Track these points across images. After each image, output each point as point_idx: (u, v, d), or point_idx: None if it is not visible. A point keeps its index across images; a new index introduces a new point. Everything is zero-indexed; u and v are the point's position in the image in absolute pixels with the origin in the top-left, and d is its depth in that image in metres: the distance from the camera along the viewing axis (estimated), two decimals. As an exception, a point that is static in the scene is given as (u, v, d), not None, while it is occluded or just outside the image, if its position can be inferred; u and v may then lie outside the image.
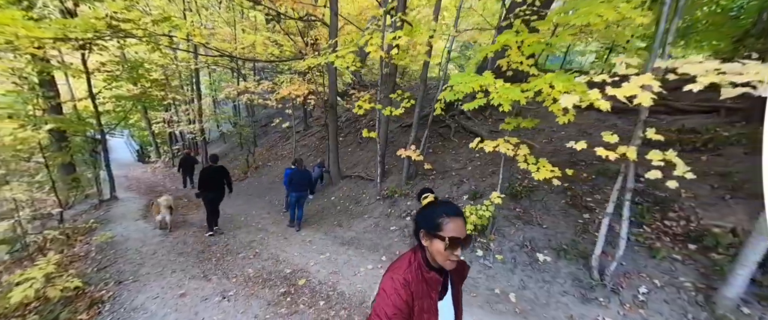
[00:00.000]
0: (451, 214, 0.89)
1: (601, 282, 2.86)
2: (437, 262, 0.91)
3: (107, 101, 8.88)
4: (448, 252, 0.86)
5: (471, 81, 2.77)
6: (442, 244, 0.86)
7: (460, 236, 0.87)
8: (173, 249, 4.52)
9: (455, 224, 0.88)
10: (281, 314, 2.84)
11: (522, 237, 3.67)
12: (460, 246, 0.87)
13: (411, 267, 0.93)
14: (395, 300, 0.88)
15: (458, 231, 0.87)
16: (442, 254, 0.87)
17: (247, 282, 3.47)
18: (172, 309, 2.97)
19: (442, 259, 0.88)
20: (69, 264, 4.26)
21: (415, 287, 0.91)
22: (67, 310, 3.10)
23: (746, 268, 2.26)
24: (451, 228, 0.87)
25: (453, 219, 0.88)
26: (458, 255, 0.88)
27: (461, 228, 0.88)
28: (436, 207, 0.95)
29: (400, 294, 0.88)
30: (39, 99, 6.26)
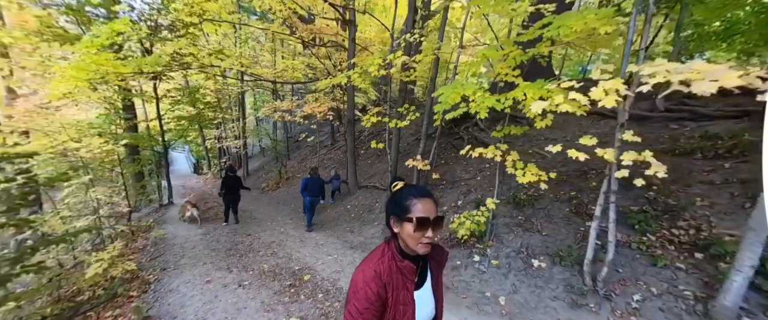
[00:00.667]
0: (418, 195, 0.88)
1: (594, 288, 2.75)
2: (411, 249, 0.89)
3: (170, 121, 10.60)
4: (418, 234, 0.85)
5: (454, 92, 3.01)
6: (411, 226, 0.85)
7: (429, 215, 0.85)
8: (208, 246, 5.24)
9: (423, 204, 0.86)
10: (284, 302, 3.20)
11: (520, 243, 3.63)
12: (430, 227, 0.85)
13: (383, 258, 0.91)
14: (366, 293, 0.86)
15: (426, 211, 0.85)
16: (412, 237, 0.86)
17: (262, 275, 3.93)
18: (198, 292, 3.52)
19: (414, 243, 0.87)
20: (130, 254, 5.19)
21: (387, 278, 0.88)
22: (123, 288, 3.83)
23: (741, 274, 2.07)
24: (419, 209, 0.85)
25: (420, 200, 0.87)
26: (430, 237, 0.86)
27: (430, 209, 0.87)
28: (402, 191, 0.94)
29: (371, 286, 0.86)
30: (121, 120, 7.80)
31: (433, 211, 0.87)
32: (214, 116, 12.37)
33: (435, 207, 0.88)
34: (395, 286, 0.88)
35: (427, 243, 0.86)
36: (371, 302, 0.85)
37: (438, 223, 0.87)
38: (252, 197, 9.71)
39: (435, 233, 0.87)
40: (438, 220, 0.87)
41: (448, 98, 3.10)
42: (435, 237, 0.87)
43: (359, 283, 0.87)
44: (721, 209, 2.92)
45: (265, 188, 11.15)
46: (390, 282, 0.88)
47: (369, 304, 0.85)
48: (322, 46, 7.41)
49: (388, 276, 0.88)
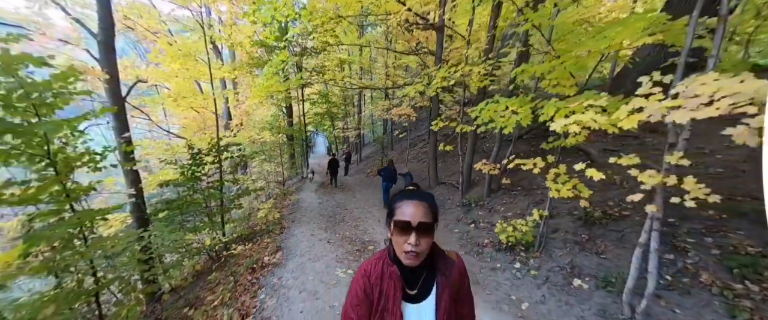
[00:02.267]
0: (405, 198, 0.83)
1: (632, 319, 2.51)
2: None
3: (311, 116, 14.41)
4: (399, 239, 0.79)
5: (486, 110, 3.28)
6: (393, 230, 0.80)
7: (410, 220, 0.77)
8: (319, 212, 7.42)
9: (408, 207, 0.79)
10: (349, 259, 4.53)
11: (568, 261, 3.45)
12: (412, 233, 0.77)
13: (378, 261, 0.88)
14: (354, 289, 0.85)
15: (410, 214, 0.78)
16: (396, 243, 0.81)
17: (343, 239, 5.48)
18: (306, 239, 5.41)
19: (398, 250, 0.81)
20: (281, 212, 8.09)
21: (375, 280, 0.85)
22: (273, 227, 6.29)
23: None
24: (402, 212, 0.79)
25: (406, 203, 0.80)
26: (412, 245, 0.77)
27: (416, 213, 0.78)
28: (396, 194, 0.88)
29: (359, 283, 0.85)
30: (282, 117, 11.54)
31: (421, 216, 0.77)
32: (338, 111, 15.72)
33: (425, 211, 0.79)
34: (384, 292, 0.84)
35: (410, 253, 0.77)
36: (359, 299, 0.83)
37: (424, 230, 0.77)
38: (359, 179, 12.05)
39: (421, 241, 0.77)
40: (423, 226, 0.77)
41: (484, 115, 3.39)
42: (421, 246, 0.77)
43: (352, 281, 0.87)
44: None
45: (369, 173, 13.41)
46: (378, 285, 0.84)
47: (357, 301, 0.84)
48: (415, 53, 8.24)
49: (377, 279, 0.85)
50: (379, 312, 0.84)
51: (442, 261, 0.91)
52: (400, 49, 9.77)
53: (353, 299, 0.86)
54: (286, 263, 4.35)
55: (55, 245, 3.15)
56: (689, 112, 1.55)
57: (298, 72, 11.04)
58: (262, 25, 6.90)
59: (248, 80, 11.49)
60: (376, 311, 0.85)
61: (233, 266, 4.59)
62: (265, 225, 6.61)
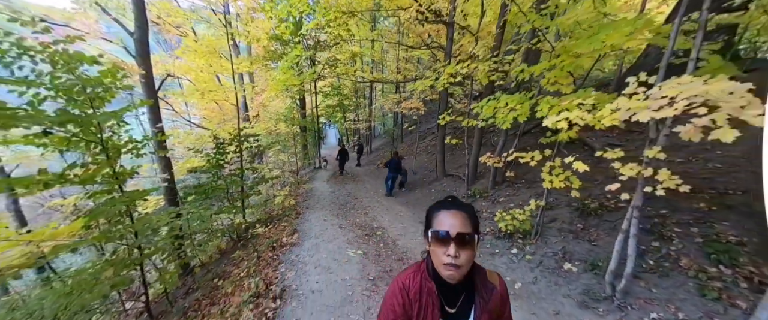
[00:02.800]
0: (443, 207, 0.81)
1: (612, 297, 2.79)
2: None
3: (323, 108, 14.82)
4: (437, 250, 0.76)
5: (488, 107, 3.53)
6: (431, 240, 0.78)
7: (448, 229, 0.74)
8: (331, 200, 7.87)
9: (445, 217, 0.77)
10: (359, 242, 4.94)
11: (561, 247, 3.72)
12: (451, 243, 0.73)
13: (415, 274, 0.86)
14: (391, 303, 0.83)
15: (448, 224, 0.75)
16: (434, 254, 0.78)
17: (353, 224, 5.89)
18: (319, 224, 5.85)
19: (437, 263, 0.77)
20: (295, 199, 8.60)
21: (414, 295, 0.83)
22: (289, 212, 6.78)
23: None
24: (440, 221, 0.77)
25: (444, 213, 0.78)
26: (451, 256, 0.73)
27: (455, 222, 0.75)
28: (434, 203, 0.86)
29: (397, 297, 0.83)
30: (296, 109, 11.99)
31: (460, 225, 0.75)
32: (350, 103, 16.05)
33: (464, 222, 0.76)
34: (423, 307, 0.82)
35: (449, 266, 0.74)
36: (396, 314, 0.81)
37: (464, 241, 0.75)
38: (369, 170, 12.44)
39: (461, 253, 0.74)
40: (463, 237, 0.74)
41: (486, 111, 3.65)
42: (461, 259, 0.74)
43: (388, 294, 0.84)
44: None
45: (379, 164, 13.77)
46: (418, 300, 0.82)
47: (394, 316, 0.81)
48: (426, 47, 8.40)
49: (416, 294, 0.82)
50: None
51: (483, 282, 0.88)
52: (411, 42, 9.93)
53: (389, 313, 0.83)
54: (303, 243, 4.81)
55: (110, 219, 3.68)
56: (651, 112, 1.79)
57: (312, 65, 11.39)
58: (278, 20, 7.23)
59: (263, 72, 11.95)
60: None
61: (256, 245, 5.09)
62: (282, 210, 7.12)
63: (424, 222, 0.86)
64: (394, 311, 0.82)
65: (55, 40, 3.21)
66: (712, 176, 3.73)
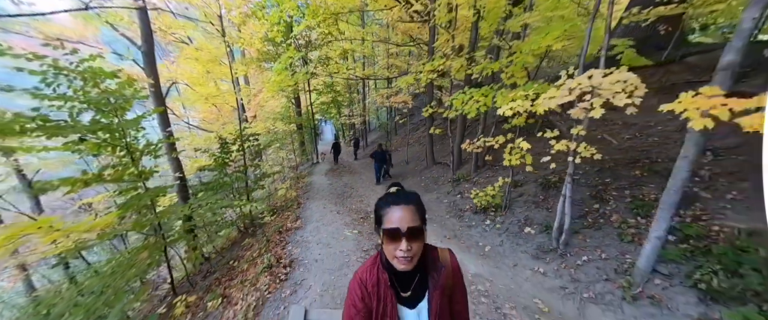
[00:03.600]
0: (391, 203, 0.81)
1: (557, 249, 3.47)
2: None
3: (318, 105, 15.31)
4: (390, 246, 0.78)
5: (457, 99, 4.14)
6: (383, 238, 0.79)
7: (399, 226, 0.76)
8: (329, 191, 8.50)
9: (396, 213, 0.78)
10: (354, 224, 5.59)
11: (525, 216, 4.39)
12: (403, 239, 0.76)
13: (372, 267, 0.89)
14: (352, 299, 0.86)
15: (399, 220, 0.76)
16: (387, 250, 0.80)
17: (350, 210, 6.54)
18: (318, 211, 6.49)
19: (390, 256, 0.80)
20: (296, 191, 9.22)
21: (372, 288, 0.86)
22: (291, 203, 7.42)
23: (650, 243, 2.50)
24: (390, 218, 0.78)
25: (393, 209, 0.79)
26: (403, 251, 0.76)
27: (405, 217, 0.77)
28: (383, 197, 0.87)
29: (356, 292, 0.86)
30: (292, 108, 12.51)
31: (409, 220, 0.76)
32: (343, 99, 16.55)
33: (413, 215, 0.78)
34: (381, 297, 0.85)
35: (401, 258, 0.76)
36: (358, 309, 0.85)
37: (414, 235, 0.77)
38: (366, 163, 13.04)
39: (412, 245, 0.76)
40: (414, 231, 0.76)
41: (456, 103, 4.26)
42: (413, 250, 0.76)
43: (349, 290, 0.88)
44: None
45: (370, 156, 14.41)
46: (376, 291, 0.85)
47: (356, 311, 0.85)
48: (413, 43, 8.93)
49: (374, 286, 0.85)
50: (379, 317, 0.86)
51: (434, 262, 0.91)
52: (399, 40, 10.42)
53: (351, 309, 0.86)
54: (305, 227, 5.45)
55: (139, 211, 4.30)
56: (551, 100, 2.41)
57: (304, 65, 11.87)
58: (270, 25, 7.73)
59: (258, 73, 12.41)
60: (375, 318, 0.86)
61: (264, 231, 5.73)
62: (285, 202, 7.75)
63: (374, 217, 0.87)
64: (355, 306, 0.85)
65: (81, 59, 3.75)
66: (650, 148, 4.40)
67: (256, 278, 3.75)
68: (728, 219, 2.77)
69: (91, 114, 3.91)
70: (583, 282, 2.99)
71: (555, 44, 2.99)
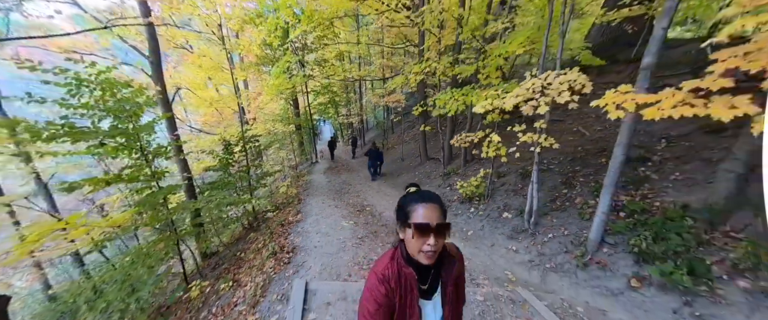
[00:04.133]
0: (420, 200, 0.86)
1: (528, 229, 3.92)
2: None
3: (315, 106, 15.73)
4: (418, 241, 0.83)
5: (440, 99, 4.57)
6: (411, 232, 0.83)
7: (429, 222, 0.82)
8: (328, 188, 8.95)
9: (425, 210, 0.84)
10: (351, 215, 6.03)
11: (504, 202, 4.84)
12: (431, 234, 0.82)
13: (392, 262, 0.92)
14: (376, 295, 0.89)
15: (428, 217, 0.82)
16: (412, 244, 0.85)
17: (347, 204, 6.99)
18: (318, 206, 6.94)
19: (415, 251, 0.85)
20: (296, 188, 9.67)
21: (395, 283, 0.90)
22: (292, 200, 7.87)
23: (598, 216, 2.95)
24: (419, 215, 0.83)
25: (422, 205, 0.85)
26: (431, 245, 0.82)
27: (433, 215, 0.83)
28: (407, 196, 0.93)
29: (380, 289, 0.89)
30: (290, 109, 12.95)
31: (436, 218, 0.83)
32: (340, 99, 16.99)
33: (440, 213, 0.85)
34: (403, 291, 0.91)
35: (428, 252, 0.83)
36: (380, 304, 0.89)
37: (441, 231, 0.84)
38: (363, 161, 13.48)
39: (438, 241, 0.83)
40: (441, 227, 0.83)
41: (439, 102, 4.70)
42: (438, 245, 0.83)
43: (370, 285, 0.91)
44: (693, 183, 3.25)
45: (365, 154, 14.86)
46: (397, 287, 0.90)
47: (378, 306, 0.89)
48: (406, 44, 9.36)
49: (396, 282, 0.90)
50: (400, 309, 0.91)
51: (447, 256, 1.00)
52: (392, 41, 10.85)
53: (372, 305, 0.89)
54: (306, 220, 5.90)
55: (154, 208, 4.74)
56: (516, 98, 2.84)
57: (302, 68, 12.29)
58: (267, 32, 8.14)
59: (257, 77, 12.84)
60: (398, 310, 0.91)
61: (268, 225, 6.18)
62: (286, 199, 8.20)
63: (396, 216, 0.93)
64: (377, 301, 0.88)
65: (99, 70, 4.18)
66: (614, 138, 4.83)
67: (262, 263, 4.20)
68: (668, 196, 3.22)
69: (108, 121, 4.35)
70: (547, 255, 3.44)
71: (518, 49, 3.43)
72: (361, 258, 3.90)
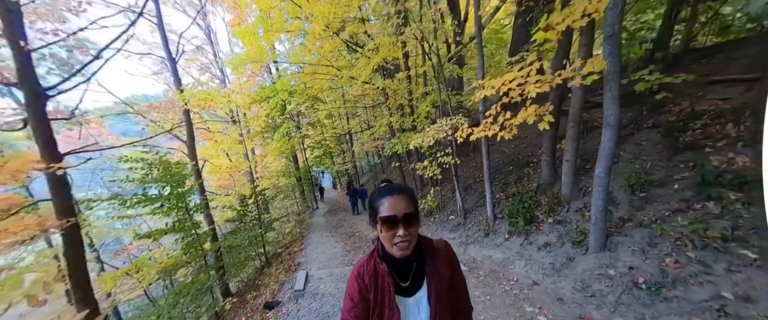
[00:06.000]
0: (386, 194, 0.86)
1: (463, 222, 5.53)
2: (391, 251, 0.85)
3: (313, 160, 18.01)
4: (388, 234, 0.83)
5: (393, 140, 6.61)
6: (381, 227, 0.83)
7: (395, 213, 0.81)
8: (326, 225, 10.55)
9: (391, 202, 0.83)
10: (344, 241, 7.60)
11: (451, 209, 6.51)
12: (400, 225, 0.81)
13: (369, 259, 0.94)
14: (351, 292, 0.90)
15: (392, 208, 0.82)
16: (385, 238, 0.85)
17: (340, 233, 8.58)
18: (317, 238, 8.51)
19: (389, 245, 0.85)
20: (301, 228, 11.24)
21: (369, 280, 0.90)
22: (298, 237, 9.45)
23: (488, 202, 4.64)
24: (385, 208, 0.83)
25: (388, 198, 0.84)
26: (401, 236, 0.82)
27: (399, 205, 0.83)
28: (375, 192, 0.91)
29: (353, 285, 0.90)
30: (291, 165, 15.14)
31: (404, 207, 0.83)
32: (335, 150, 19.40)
33: (408, 203, 0.84)
34: (378, 288, 0.90)
35: (400, 244, 0.83)
36: (354, 302, 0.89)
37: (410, 220, 0.83)
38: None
39: (408, 231, 0.82)
40: (408, 217, 0.82)
41: (394, 144, 6.73)
42: (410, 235, 0.83)
43: (348, 284, 0.92)
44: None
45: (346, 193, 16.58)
46: (373, 283, 0.90)
47: (353, 303, 0.89)
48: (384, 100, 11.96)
49: (371, 278, 0.90)
50: (377, 308, 0.89)
51: (430, 250, 0.96)
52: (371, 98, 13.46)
53: (348, 303, 0.89)
54: (308, 247, 7.48)
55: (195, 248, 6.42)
56: (424, 140, 4.84)
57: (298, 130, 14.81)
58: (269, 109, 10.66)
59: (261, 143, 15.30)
60: (374, 308, 0.90)
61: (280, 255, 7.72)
62: (292, 238, 9.77)
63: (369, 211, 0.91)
64: (352, 299, 0.89)
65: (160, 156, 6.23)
66: (524, 150, 6.74)
67: (278, 277, 5.75)
68: (524, 183, 5.01)
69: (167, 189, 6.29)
70: (470, 235, 5.07)
71: (429, 108, 5.53)
72: (347, 261, 5.49)
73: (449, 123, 4.89)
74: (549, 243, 3.71)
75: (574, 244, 3.41)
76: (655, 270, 2.54)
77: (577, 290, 2.91)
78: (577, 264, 3.18)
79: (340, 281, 4.36)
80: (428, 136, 5.07)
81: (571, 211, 3.84)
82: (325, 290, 4.09)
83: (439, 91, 5.46)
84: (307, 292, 4.06)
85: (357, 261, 1.11)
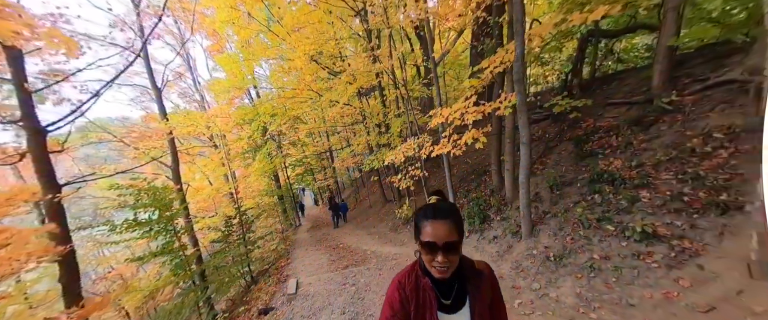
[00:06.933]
0: (429, 217, 0.86)
1: None
2: None
3: (294, 177, 18.33)
4: (427, 258, 0.84)
5: (371, 157, 7.44)
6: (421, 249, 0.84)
7: (436, 240, 0.82)
8: (310, 240, 10.98)
9: (432, 227, 0.84)
10: (331, 253, 8.14)
11: None
12: (439, 252, 0.82)
13: (411, 272, 0.94)
14: (392, 301, 0.90)
15: (434, 234, 0.82)
16: (426, 259, 0.85)
17: (324, 246, 9.09)
18: (302, 252, 8.97)
19: (428, 265, 0.86)
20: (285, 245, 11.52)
21: (410, 292, 0.90)
22: (283, 254, 9.79)
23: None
24: (427, 232, 0.83)
25: (430, 223, 0.84)
26: (439, 263, 0.82)
27: (441, 232, 0.82)
28: (420, 211, 0.91)
29: (394, 295, 0.90)
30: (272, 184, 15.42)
31: (446, 235, 0.82)
32: (316, 167, 19.87)
33: (449, 229, 0.83)
34: (420, 303, 0.90)
35: (439, 268, 0.83)
36: (395, 310, 0.89)
37: (450, 249, 0.82)
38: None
39: (447, 258, 0.82)
40: (449, 246, 0.82)
41: (370, 161, 7.55)
42: (449, 262, 0.83)
43: (388, 293, 0.92)
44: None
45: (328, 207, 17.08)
46: (414, 297, 0.90)
47: (393, 312, 0.89)
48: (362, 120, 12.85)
49: (412, 290, 0.90)
50: None
51: (472, 272, 0.97)
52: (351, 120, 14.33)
53: (387, 311, 0.89)
54: (295, 260, 7.94)
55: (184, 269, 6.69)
56: (396, 156, 5.70)
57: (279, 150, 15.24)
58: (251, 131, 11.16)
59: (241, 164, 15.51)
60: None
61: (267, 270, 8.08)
62: (277, 254, 10.09)
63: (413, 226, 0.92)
64: (393, 307, 0.89)
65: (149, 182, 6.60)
66: (483, 159, 7.83)
67: (269, 287, 6.19)
68: (489, 187, 6.02)
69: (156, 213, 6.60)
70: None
71: (401, 127, 6.45)
72: (333, 268, 6.08)
73: (416, 142, 5.82)
74: (496, 236, 4.63)
75: (513, 235, 4.35)
76: (560, 247, 3.50)
77: (513, 268, 3.81)
78: (514, 250, 4.10)
79: (328, 283, 4.97)
80: (399, 153, 5.96)
81: (512, 209, 4.82)
82: (315, 291, 4.69)
83: (407, 114, 6.43)
84: (300, 295, 4.63)
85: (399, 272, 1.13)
